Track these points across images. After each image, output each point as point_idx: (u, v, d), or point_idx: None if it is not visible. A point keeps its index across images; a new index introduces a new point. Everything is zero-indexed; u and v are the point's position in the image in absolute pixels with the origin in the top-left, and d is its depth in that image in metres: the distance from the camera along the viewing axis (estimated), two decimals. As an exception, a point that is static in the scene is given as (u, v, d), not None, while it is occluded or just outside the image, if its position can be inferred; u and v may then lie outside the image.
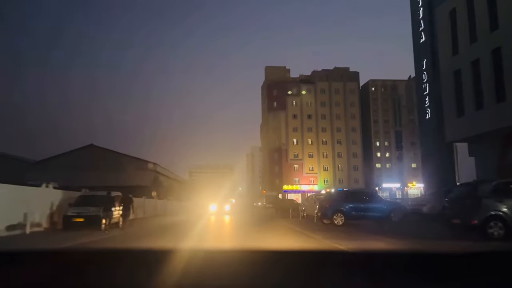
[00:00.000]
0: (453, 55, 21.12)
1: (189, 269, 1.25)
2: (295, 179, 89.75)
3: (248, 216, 28.65)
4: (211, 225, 20.40)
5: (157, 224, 21.36)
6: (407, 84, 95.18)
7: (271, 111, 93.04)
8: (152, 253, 1.51)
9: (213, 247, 1.87)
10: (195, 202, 44.28)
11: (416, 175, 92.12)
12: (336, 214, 15.56)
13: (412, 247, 9.53)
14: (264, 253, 1.45)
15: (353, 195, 16.85)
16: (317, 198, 22.35)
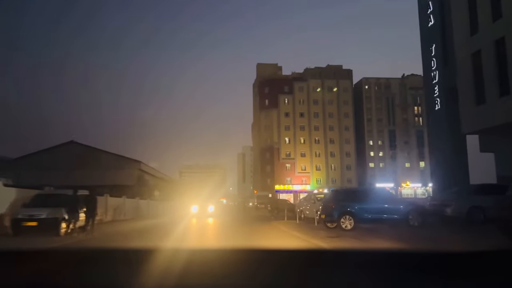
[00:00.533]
0: (471, 34, 18.43)
1: (173, 269, 1.21)
2: (287, 178, 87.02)
3: (238, 218, 25.67)
4: (191, 230, 17.38)
5: (129, 228, 18.23)
6: (400, 83, 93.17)
7: (263, 109, 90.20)
8: (134, 252, 1.44)
9: (197, 246, 1.51)
10: (180, 203, 41.25)
11: (410, 174, 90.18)
12: (344, 217, 12.71)
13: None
14: (251, 252, 1.39)
15: (364, 194, 13.97)
16: (317, 197, 19.51)
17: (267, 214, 34.59)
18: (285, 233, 13.97)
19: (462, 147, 22.28)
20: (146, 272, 1.18)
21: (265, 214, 36.59)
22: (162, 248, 1.30)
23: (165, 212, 37.35)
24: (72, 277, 1.24)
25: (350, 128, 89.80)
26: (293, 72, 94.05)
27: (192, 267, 1.24)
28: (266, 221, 22.53)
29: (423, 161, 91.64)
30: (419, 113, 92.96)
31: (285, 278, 1.18)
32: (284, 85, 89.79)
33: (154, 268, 1.21)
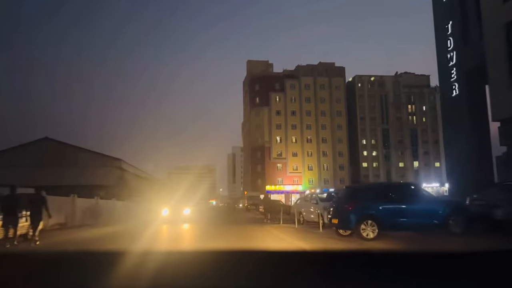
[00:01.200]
0: (504, 1, 15.24)
1: (144, 272, 1.18)
2: (278, 179, 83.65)
3: (224, 222, 22.17)
4: (155, 241, 13.75)
5: (84, 237, 14.45)
6: (394, 80, 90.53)
7: (254, 107, 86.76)
8: (103, 255, 1.38)
9: (172, 248, 1.65)
10: (159, 205, 37.60)
11: (404, 174, 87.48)
12: (365, 222, 9.37)
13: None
14: (227, 254, 1.35)
15: (389, 191, 10.39)
16: (320, 197, 16.14)
17: (259, 217, 31.20)
18: (285, 242, 10.61)
19: (486, 139, 19.10)
20: (115, 275, 1.13)
21: (257, 216, 33.19)
22: (134, 251, 1.25)
23: (141, 214, 33.61)
24: (35, 282, 1.17)
25: (343, 127, 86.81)
26: (284, 70, 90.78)
27: (167, 268, 1.20)
28: (258, 225, 19.08)
29: (417, 161, 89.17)
30: (413, 111, 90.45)
31: (258, 280, 1.14)
32: (275, 83, 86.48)
33: (126, 272, 1.15)
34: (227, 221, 23.87)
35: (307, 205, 16.48)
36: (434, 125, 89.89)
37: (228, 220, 24.47)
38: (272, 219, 20.85)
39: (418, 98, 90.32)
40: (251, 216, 32.72)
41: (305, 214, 16.50)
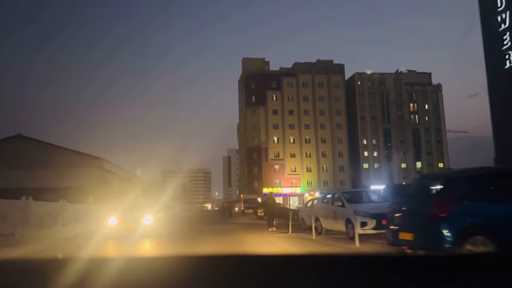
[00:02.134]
0: None
1: (107, 278, 1.12)
2: (275, 181, 79.13)
3: (215, 230, 17.73)
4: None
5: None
6: (395, 78, 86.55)
7: (249, 106, 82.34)
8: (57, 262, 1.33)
9: (135, 254, 1.40)
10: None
11: (406, 176, 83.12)
12: (472, 238, 5.03)
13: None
14: (195, 259, 1.31)
15: (500, 182, 6.06)
16: (344, 195, 11.73)
17: (259, 222, 26.76)
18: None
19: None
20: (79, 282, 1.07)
21: (255, 221, 28.79)
22: (96, 257, 1.21)
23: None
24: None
25: (342, 126, 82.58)
26: (281, 67, 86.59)
27: (129, 275, 1.16)
28: (259, 234, 14.71)
29: (420, 161, 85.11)
30: (415, 110, 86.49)
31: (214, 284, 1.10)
32: (272, 81, 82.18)
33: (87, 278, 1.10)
34: (220, 228, 19.39)
35: (327, 209, 12.03)
36: (437, 124, 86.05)
37: (221, 227, 19.98)
38: (276, 226, 16.50)
39: (420, 96, 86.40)
40: (248, 222, 28.25)
41: (325, 220, 12.06)
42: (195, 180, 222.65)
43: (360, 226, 9.67)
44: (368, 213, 9.93)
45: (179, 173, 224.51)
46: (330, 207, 11.86)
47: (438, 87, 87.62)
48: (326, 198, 13.22)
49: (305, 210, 17.44)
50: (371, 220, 9.75)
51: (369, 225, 9.75)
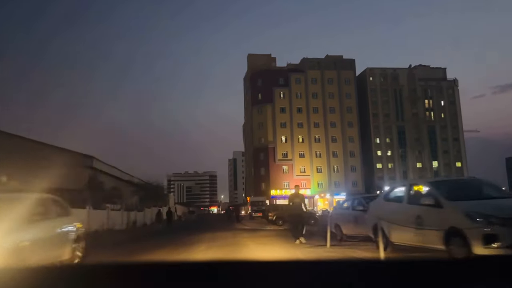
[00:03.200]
0: None
1: None
2: (284, 182, 74.54)
3: (216, 243, 13.30)
4: None
5: None
6: (409, 73, 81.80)
7: (256, 104, 77.91)
8: None
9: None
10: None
11: (422, 176, 78.16)
12: None
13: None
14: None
15: None
16: (439, 188, 7.15)
17: (271, 228, 22.27)
18: None
19: None
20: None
21: (267, 228, 24.34)
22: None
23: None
24: None
25: (354, 124, 77.81)
26: (288, 64, 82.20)
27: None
28: (282, 248, 10.25)
29: (436, 160, 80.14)
30: (430, 106, 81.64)
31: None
32: (279, 77, 77.75)
33: None
34: (219, 240, 14.90)
35: (401, 211, 7.50)
36: (454, 121, 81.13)
37: (220, 239, 15.46)
38: (295, 235, 12.08)
39: (436, 92, 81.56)
40: (259, 228, 23.73)
41: (396, 229, 7.49)
42: (200, 183, 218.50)
43: (484, 242, 5.14)
44: (496, 216, 5.39)
45: (185, 176, 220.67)
46: (407, 208, 7.32)
47: (454, 82, 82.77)
48: (395, 193, 8.66)
49: (343, 213, 12.86)
50: (505, 229, 5.21)
51: (501, 239, 5.20)
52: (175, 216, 53.92)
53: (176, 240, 16.09)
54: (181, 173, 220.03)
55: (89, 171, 32.01)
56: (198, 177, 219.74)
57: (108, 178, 35.32)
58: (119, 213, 29.94)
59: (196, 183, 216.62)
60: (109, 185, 33.63)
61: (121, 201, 37.27)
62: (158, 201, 44.66)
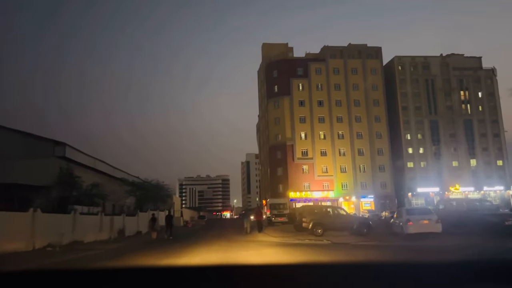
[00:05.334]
0: None
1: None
2: (304, 184, 65.94)
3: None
4: None
5: None
6: (441, 62, 72.65)
7: (272, 97, 69.68)
8: None
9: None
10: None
11: (459, 175, 68.63)
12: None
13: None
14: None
15: None
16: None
17: (313, 242, 13.85)
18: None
19: None
20: None
21: (302, 240, 16.07)
22: None
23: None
24: None
25: (381, 119, 68.93)
26: (307, 53, 73.91)
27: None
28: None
29: (474, 158, 70.60)
30: (466, 98, 72.33)
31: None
32: (298, 67, 69.44)
33: None
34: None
35: None
36: (493, 115, 71.62)
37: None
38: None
39: (472, 83, 72.24)
40: (297, 243, 15.39)
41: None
42: (213, 187, 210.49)
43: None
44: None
45: (197, 180, 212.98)
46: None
47: (493, 71, 73.32)
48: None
49: None
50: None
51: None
52: (181, 222, 45.78)
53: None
54: (193, 177, 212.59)
55: (60, 162, 24.05)
56: (210, 181, 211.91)
57: (89, 172, 27.31)
58: (96, 218, 21.79)
59: (209, 187, 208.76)
60: (90, 182, 25.61)
61: (107, 203, 29.23)
62: (159, 203, 36.52)
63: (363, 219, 20.51)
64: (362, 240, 15.89)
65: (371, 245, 14.49)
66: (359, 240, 15.95)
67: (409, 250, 11.25)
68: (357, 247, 12.74)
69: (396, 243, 14.61)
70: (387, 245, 14.43)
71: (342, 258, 8.55)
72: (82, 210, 21.29)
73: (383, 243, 15.32)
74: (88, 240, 19.65)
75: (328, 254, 10.97)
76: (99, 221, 21.63)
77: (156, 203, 35.50)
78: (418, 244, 13.17)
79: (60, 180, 23.46)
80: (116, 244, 19.45)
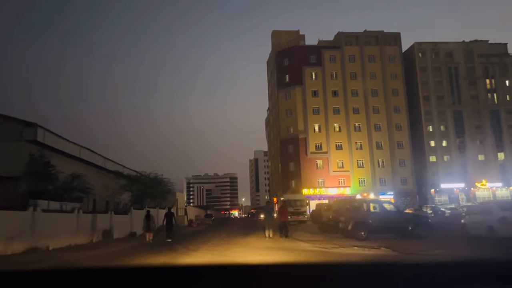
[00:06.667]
0: None
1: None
2: (318, 180, 60.88)
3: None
4: None
5: None
6: (465, 48, 67.04)
7: (282, 88, 64.67)
8: None
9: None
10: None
11: (485, 170, 63.04)
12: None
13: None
14: None
15: None
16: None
17: (368, 251, 8.42)
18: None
19: None
20: None
21: (331, 244, 10.91)
22: None
23: None
24: None
25: (401, 109, 63.60)
26: (320, 41, 68.81)
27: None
28: None
29: (502, 151, 64.92)
30: (492, 87, 66.65)
31: None
32: (310, 55, 64.34)
33: None
34: None
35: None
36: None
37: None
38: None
39: (499, 70, 66.54)
40: (350, 253, 10.27)
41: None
42: (221, 186, 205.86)
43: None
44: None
45: (205, 178, 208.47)
46: None
47: (522, 57, 67.49)
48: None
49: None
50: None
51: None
52: (185, 221, 41.01)
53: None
54: (201, 175, 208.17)
55: (31, 148, 19.31)
56: (218, 179, 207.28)
57: (73, 163, 22.53)
58: (71, 217, 16.99)
59: (216, 186, 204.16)
60: (70, 172, 20.86)
61: (99, 199, 24.52)
62: (158, 199, 31.71)
63: (421, 218, 15.48)
64: (430, 248, 10.88)
65: (461, 256, 9.41)
66: (425, 247, 10.95)
67: None
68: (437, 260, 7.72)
69: (499, 253, 9.56)
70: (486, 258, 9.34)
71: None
72: (50, 207, 16.53)
73: (469, 252, 10.27)
74: (58, 245, 14.91)
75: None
76: (75, 220, 16.85)
77: (155, 199, 30.75)
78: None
79: (30, 170, 18.79)
80: (93, 251, 14.68)
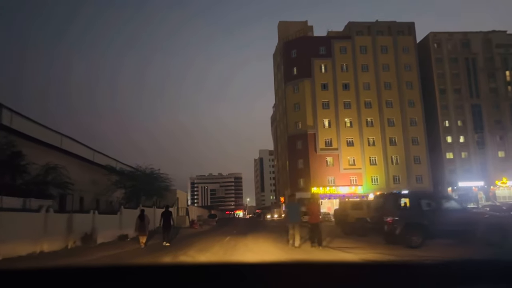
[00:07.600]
0: None
1: None
2: (328, 178, 57.23)
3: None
4: None
5: None
6: (483, 38, 63.09)
7: (290, 81, 61.09)
8: None
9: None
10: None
11: (506, 168, 59.03)
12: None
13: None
14: None
15: None
16: None
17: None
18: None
19: None
20: None
21: (381, 255, 6.82)
22: None
23: None
24: None
25: (416, 103, 59.81)
26: (329, 31, 65.17)
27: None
28: None
29: (524, 147, 60.88)
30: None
31: None
32: (319, 46, 60.71)
33: None
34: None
35: None
36: (544, 98, 61.82)
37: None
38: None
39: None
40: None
41: None
42: (225, 185, 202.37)
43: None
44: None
45: (209, 178, 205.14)
46: None
47: (543, 48, 63.43)
48: None
49: None
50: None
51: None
52: (187, 222, 37.48)
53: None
54: (205, 175, 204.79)
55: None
56: (222, 179, 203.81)
57: (53, 154, 19.03)
58: (36, 218, 13.43)
59: (221, 186, 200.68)
60: (43, 162, 17.35)
61: (77, 194, 21.01)
62: (155, 197, 28.18)
63: (495, 219, 11.65)
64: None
65: None
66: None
67: None
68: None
69: None
70: None
71: None
72: (6, 204, 13.03)
73: None
74: (13, 253, 11.42)
75: None
76: (42, 221, 13.33)
77: (151, 197, 27.25)
78: None
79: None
80: (60, 260, 11.16)
